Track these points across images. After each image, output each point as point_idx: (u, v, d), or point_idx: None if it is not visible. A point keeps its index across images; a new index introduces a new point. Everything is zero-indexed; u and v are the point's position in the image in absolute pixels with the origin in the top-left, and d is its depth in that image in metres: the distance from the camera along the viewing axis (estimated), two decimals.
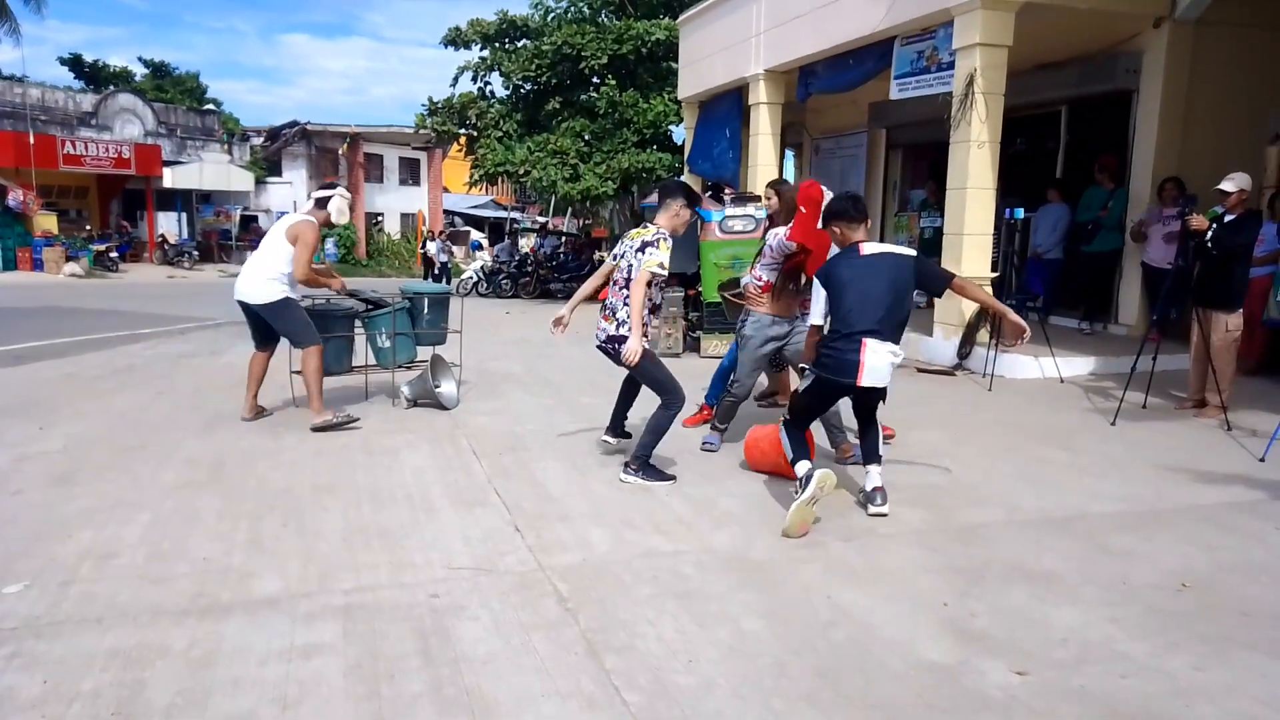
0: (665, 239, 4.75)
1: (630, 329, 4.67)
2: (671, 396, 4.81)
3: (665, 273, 4.74)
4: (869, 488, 4.39)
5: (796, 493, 4.09)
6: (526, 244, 23.40)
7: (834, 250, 4.60)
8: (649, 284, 4.71)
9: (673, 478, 4.82)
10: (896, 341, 4.27)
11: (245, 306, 5.94)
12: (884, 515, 4.27)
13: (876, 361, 4.16)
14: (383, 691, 2.63)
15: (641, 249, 4.74)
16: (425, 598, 3.29)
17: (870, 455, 4.48)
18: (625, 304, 4.76)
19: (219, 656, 2.83)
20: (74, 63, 38.45)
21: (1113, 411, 6.34)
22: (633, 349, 4.65)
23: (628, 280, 4.76)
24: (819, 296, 4.41)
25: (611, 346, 4.84)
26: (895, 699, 2.63)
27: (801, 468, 4.19)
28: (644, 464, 4.79)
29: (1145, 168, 9.13)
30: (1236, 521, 4.26)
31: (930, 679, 2.75)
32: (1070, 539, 4.00)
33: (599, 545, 3.86)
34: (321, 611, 3.17)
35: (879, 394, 4.40)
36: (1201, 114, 8.94)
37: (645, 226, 4.95)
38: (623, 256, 4.94)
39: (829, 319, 4.39)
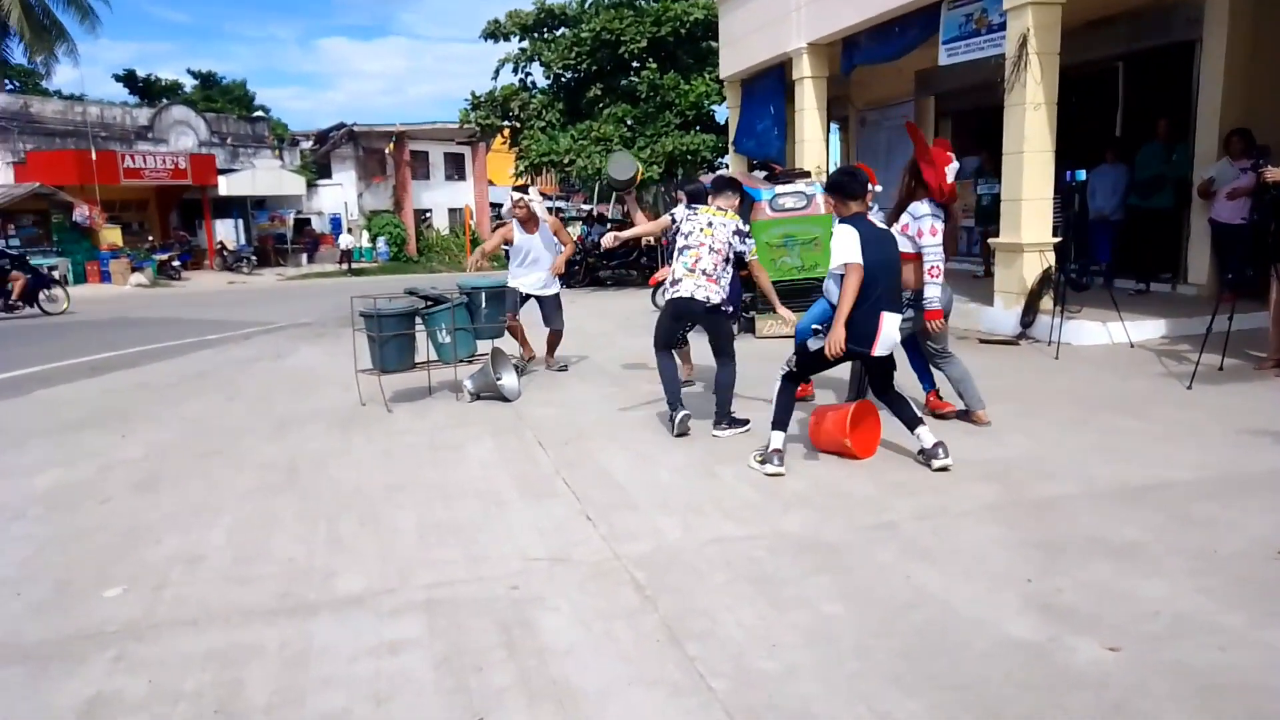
0: (734, 214, 5.60)
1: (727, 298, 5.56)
2: (732, 354, 5.64)
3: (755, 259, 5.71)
4: (928, 445, 4.57)
5: (758, 457, 4.66)
6: (575, 231, 23.35)
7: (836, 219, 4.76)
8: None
9: (749, 421, 5.50)
10: (900, 311, 4.63)
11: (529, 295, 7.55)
12: (948, 468, 4.49)
13: (891, 332, 4.51)
14: (471, 684, 2.68)
15: (739, 236, 5.54)
16: (504, 590, 3.34)
17: (912, 421, 4.65)
18: (726, 274, 5.53)
19: (310, 655, 2.92)
20: (128, 79, 39.50)
21: (1188, 376, 6.15)
22: (785, 316, 5.75)
23: (728, 257, 5.51)
24: (855, 239, 4.44)
25: (719, 308, 5.52)
26: (983, 678, 2.60)
27: (777, 438, 4.63)
28: (731, 418, 5.49)
29: (1210, 121, 8.80)
30: None
31: (1018, 657, 2.71)
32: (1150, 509, 3.90)
33: (670, 532, 3.88)
34: (404, 607, 3.24)
35: (891, 361, 4.69)
36: (1269, 62, 8.56)
37: (718, 209, 5.62)
38: (707, 227, 5.52)
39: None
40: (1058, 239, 8.32)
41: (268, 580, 3.54)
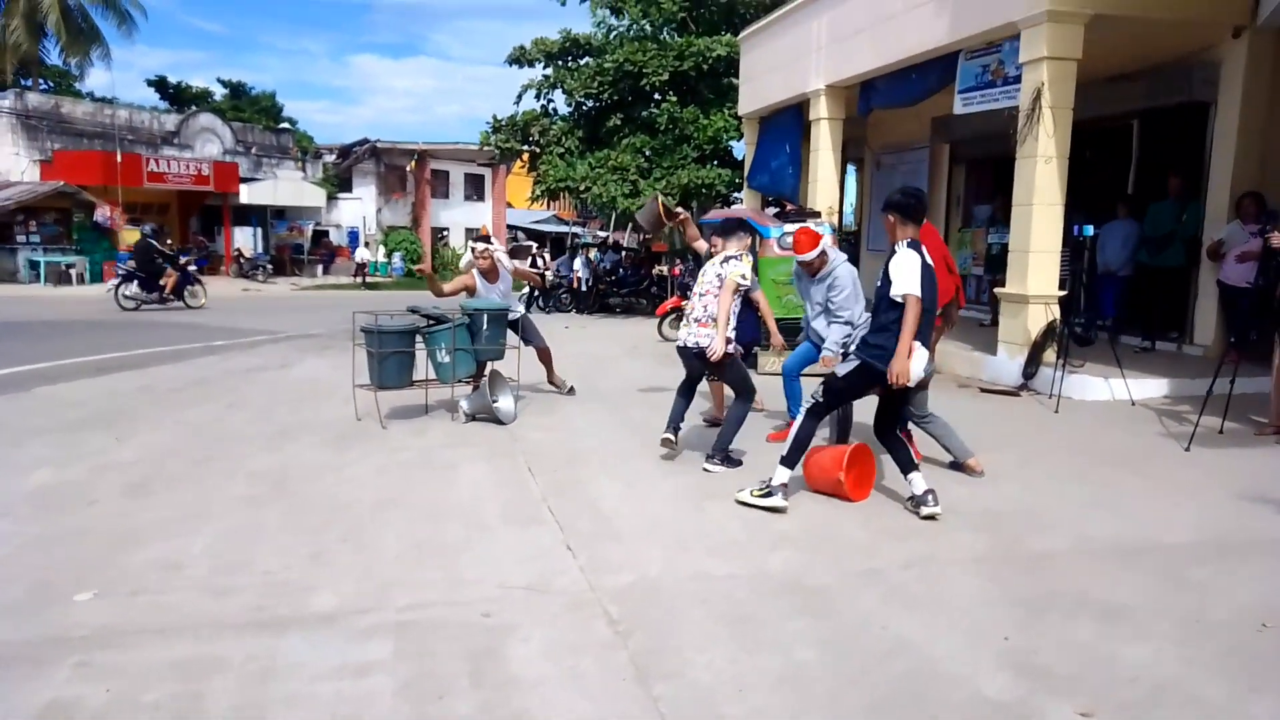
0: (747, 255, 5.55)
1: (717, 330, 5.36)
2: (749, 392, 5.59)
3: (749, 283, 5.52)
4: (918, 491, 4.52)
5: (760, 488, 4.58)
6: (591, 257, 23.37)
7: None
8: (734, 291, 5.39)
9: (741, 462, 5.45)
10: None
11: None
12: (936, 517, 4.44)
13: (920, 364, 4.43)
14: (431, 712, 2.65)
15: (725, 261, 5.47)
16: (478, 616, 3.31)
17: (907, 465, 4.63)
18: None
19: (274, 672, 2.89)
20: (159, 85, 40.18)
21: (1187, 436, 6.09)
22: (715, 348, 5.32)
23: (719, 289, 5.44)
24: (918, 267, 4.35)
25: (732, 347, 5.47)
26: None
27: (782, 475, 4.57)
28: (725, 454, 5.42)
29: (1223, 181, 8.79)
30: None
31: (989, 717, 2.66)
32: (1142, 571, 3.84)
33: (651, 566, 3.84)
34: (376, 628, 3.21)
35: (907, 397, 4.75)
36: None
37: (725, 259, 5.54)
38: (704, 273, 5.62)
39: (870, 313, 4.74)
40: (1063, 292, 8.29)
41: (243, 592, 3.52)
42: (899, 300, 4.34)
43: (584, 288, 18.90)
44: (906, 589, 3.64)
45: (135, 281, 16.84)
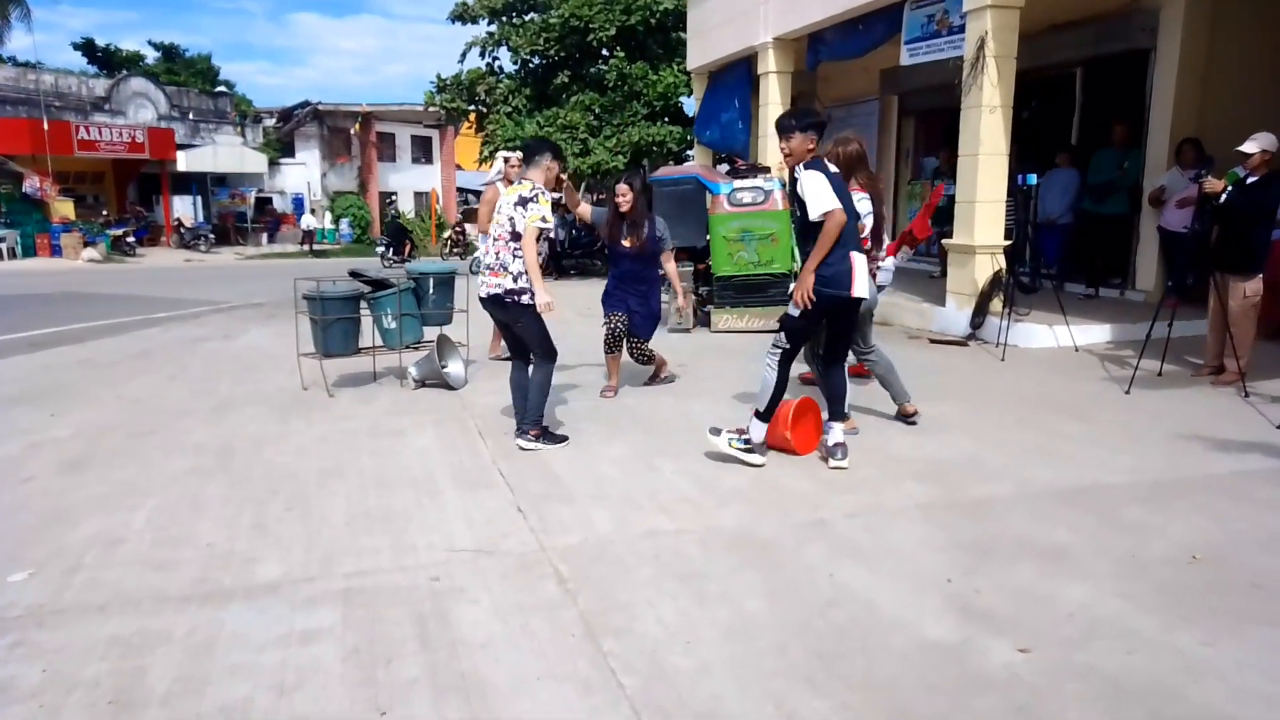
0: (543, 193, 4.87)
1: (531, 282, 4.83)
2: (551, 355, 5.10)
3: (550, 226, 4.90)
4: (830, 441, 4.60)
5: (737, 439, 4.58)
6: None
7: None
8: (537, 239, 4.82)
9: (566, 438, 5.08)
10: (863, 251, 4.57)
11: None
12: (844, 469, 4.51)
13: (863, 271, 4.43)
14: (379, 676, 2.63)
15: (522, 204, 4.83)
16: (425, 581, 3.29)
17: (835, 410, 4.69)
18: (516, 257, 4.83)
19: (219, 643, 2.84)
20: (87, 47, 38.47)
21: (1128, 380, 6.23)
22: (544, 301, 4.85)
23: (512, 235, 4.85)
24: (824, 181, 4.30)
25: (511, 299, 4.88)
26: (896, 680, 2.60)
27: (758, 431, 4.57)
28: (542, 428, 5.02)
29: (1163, 129, 8.92)
30: (1252, 491, 4.18)
31: (932, 659, 2.71)
32: (1081, 512, 3.93)
33: (601, 526, 3.84)
34: (322, 596, 3.17)
35: (855, 317, 4.69)
36: (1221, 73, 8.69)
37: (521, 183, 4.99)
38: (500, 211, 4.98)
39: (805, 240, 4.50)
40: (1009, 242, 8.40)
41: (185, 566, 3.46)
42: (820, 221, 4.28)
43: (563, 247, 18.17)
44: (853, 538, 3.68)
45: (391, 249, 22.17)
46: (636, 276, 6.27)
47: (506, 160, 7.07)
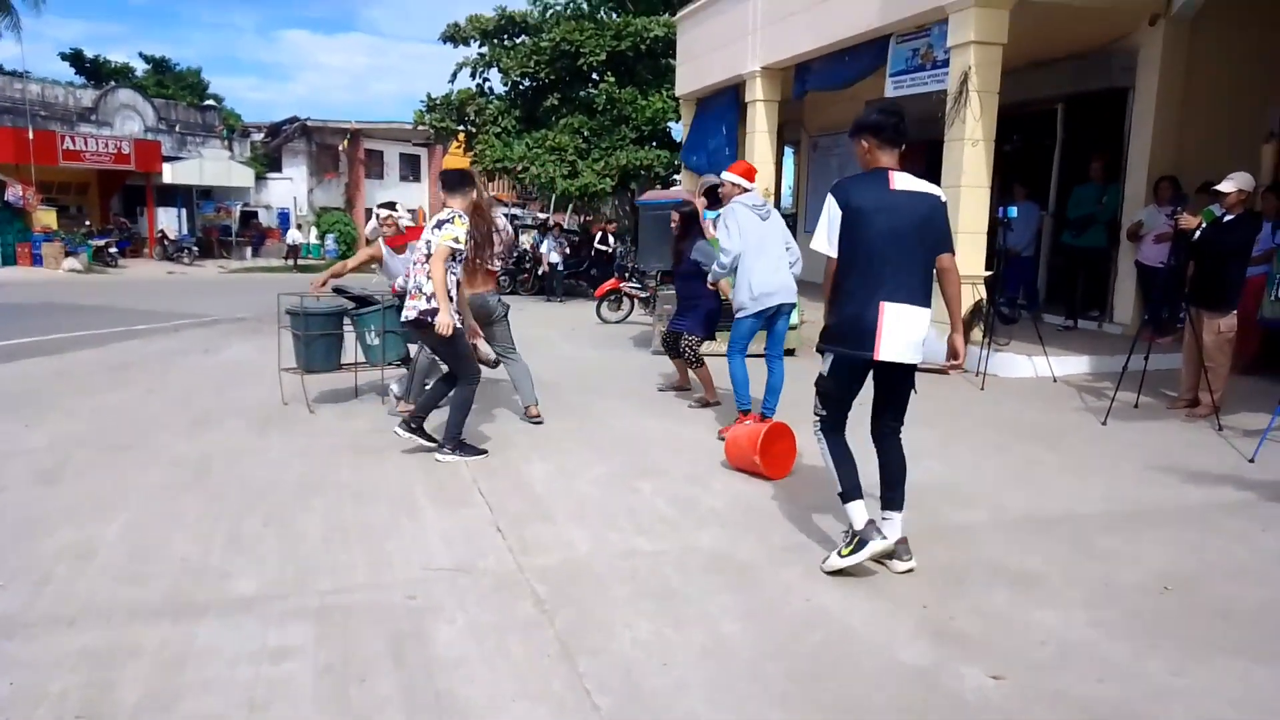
0: (460, 217, 4.98)
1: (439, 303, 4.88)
2: (470, 376, 5.21)
3: (461, 247, 4.97)
4: (894, 540, 3.56)
5: (843, 545, 3.54)
6: (526, 240, 23.14)
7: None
8: (445, 259, 4.89)
9: (485, 451, 5.25)
10: (926, 305, 3.52)
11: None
12: (912, 568, 3.56)
13: (898, 329, 3.44)
14: (352, 695, 2.61)
15: (438, 226, 4.95)
16: (402, 599, 3.27)
17: (893, 495, 3.63)
18: (430, 279, 4.91)
19: (190, 658, 2.82)
20: (75, 58, 38.37)
21: (1104, 411, 6.31)
22: (443, 322, 4.85)
23: (428, 258, 4.95)
24: (833, 220, 3.51)
25: (428, 319, 4.94)
26: (869, 702, 2.61)
27: (855, 512, 3.51)
28: (459, 442, 5.16)
29: (1140, 165, 9.09)
30: (1223, 522, 4.23)
31: (905, 682, 2.73)
32: (1055, 540, 3.97)
33: (580, 545, 3.84)
34: (296, 613, 3.15)
35: (905, 379, 3.66)
36: (1198, 111, 8.88)
37: (444, 209, 5.12)
38: (422, 237, 5.13)
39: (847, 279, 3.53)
40: (989, 272, 8.50)
41: (158, 579, 3.42)
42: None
43: (558, 269, 17.57)
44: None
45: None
46: (682, 290, 6.87)
47: (381, 219, 6.63)
